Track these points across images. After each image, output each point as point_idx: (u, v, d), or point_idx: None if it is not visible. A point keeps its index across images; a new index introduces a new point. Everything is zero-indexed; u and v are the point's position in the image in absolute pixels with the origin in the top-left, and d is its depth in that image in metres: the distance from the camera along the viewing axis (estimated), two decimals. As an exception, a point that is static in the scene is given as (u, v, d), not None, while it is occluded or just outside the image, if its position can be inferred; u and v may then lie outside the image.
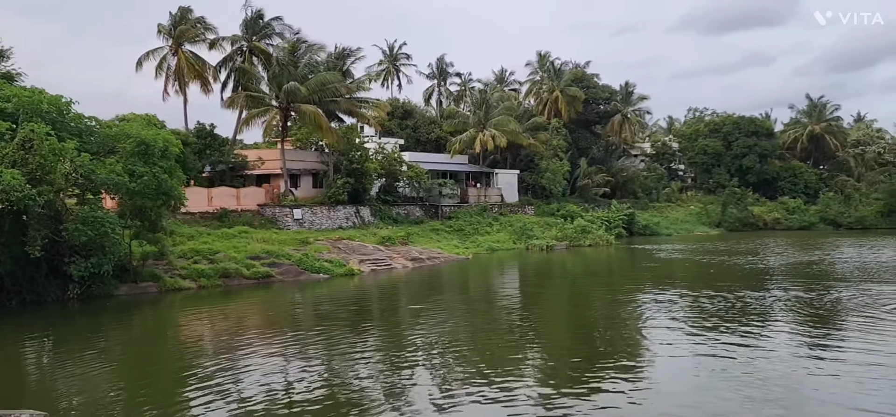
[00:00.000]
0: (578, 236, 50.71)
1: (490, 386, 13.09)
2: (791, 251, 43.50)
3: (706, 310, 21.32)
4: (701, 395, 12.42)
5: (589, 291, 29.13)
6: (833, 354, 15.30)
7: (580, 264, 40.28)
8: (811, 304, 22.11)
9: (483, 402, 12.16)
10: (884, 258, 37.49)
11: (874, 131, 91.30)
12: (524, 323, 21.27)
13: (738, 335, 17.34)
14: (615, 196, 69.44)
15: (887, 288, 25.51)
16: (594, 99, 74.71)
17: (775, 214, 72.84)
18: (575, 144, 71.62)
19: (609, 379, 13.54)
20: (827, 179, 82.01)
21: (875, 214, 71.31)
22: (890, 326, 18.08)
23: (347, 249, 36.87)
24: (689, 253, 43.41)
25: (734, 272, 32.49)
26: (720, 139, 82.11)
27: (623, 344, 17.59)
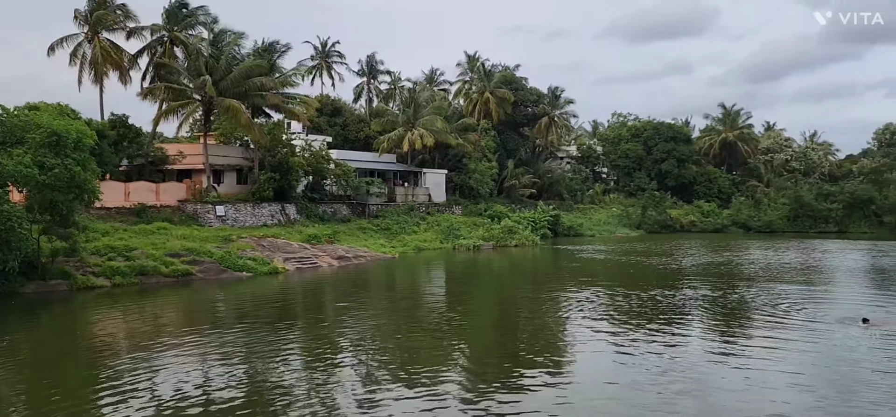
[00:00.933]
0: (505, 236, 51.41)
1: (414, 385, 13.16)
2: (704, 252, 45.41)
3: (625, 308, 22.06)
4: (621, 390, 12.86)
5: (514, 290, 29.61)
6: (739, 348, 16.13)
7: (506, 264, 40.88)
8: (720, 302, 23.20)
9: (407, 401, 12.20)
10: (786, 260, 39.68)
11: (783, 139, 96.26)
12: (449, 321, 21.43)
13: (654, 332, 18.04)
14: (541, 197, 70.73)
15: (789, 287, 27.05)
16: (523, 101, 75.85)
17: (691, 217, 75.75)
18: (503, 145, 72.55)
19: (532, 376, 13.83)
20: (739, 184, 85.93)
21: (782, 219, 75.27)
22: (789, 322, 19.15)
23: (272, 247, 36.22)
24: (611, 254, 44.69)
25: (652, 272, 33.68)
26: (641, 144, 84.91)
27: (546, 341, 17.99)
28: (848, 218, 74.45)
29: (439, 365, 14.93)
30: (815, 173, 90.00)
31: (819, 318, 19.37)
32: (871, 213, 74.34)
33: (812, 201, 75.57)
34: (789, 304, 22.30)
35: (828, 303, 22.91)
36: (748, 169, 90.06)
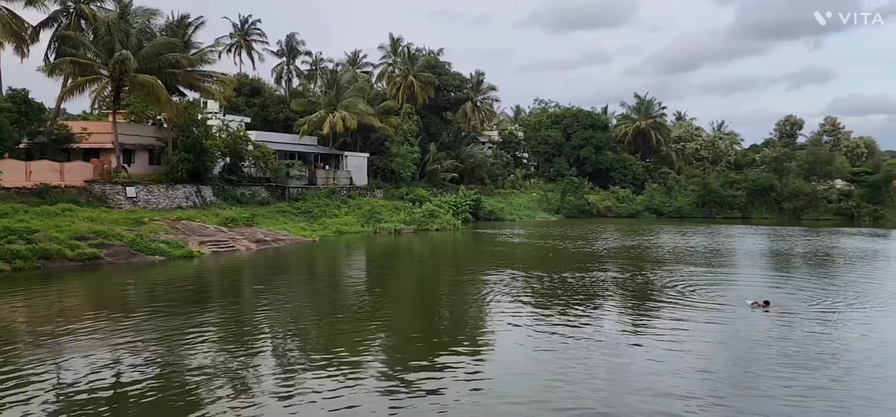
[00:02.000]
0: (426, 220, 51.67)
1: (334, 369, 13.14)
2: (619, 237, 47.03)
3: (542, 291, 22.66)
4: (537, 370, 13.25)
5: (435, 273, 29.87)
6: (648, 329, 16.90)
7: (427, 247, 41.12)
8: (632, 285, 24.16)
9: (327, 385, 12.17)
10: (693, 244, 41.65)
11: (693, 129, 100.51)
12: (370, 304, 21.44)
13: (569, 313, 18.64)
14: (463, 181, 71.34)
15: (695, 269, 28.45)
16: (446, 85, 76.07)
17: (607, 202, 78.24)
18: (425, 129, 72.65)
19: (452, 358, 14.05)
20: (652, 171, 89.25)
21: (691, 205, 78.90)
22: (695, 304, 20.18)
23: (187, 230, 35.11)
24: (530, 238, 45.64)
25: (569, 255, 34.65)
26: (561, 130, 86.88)
27: (465, 323, 18.29)
28: (751, 204, 78.74)
29: (359, 349, 14.96)
30: (722, 161, 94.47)
31: (723, 302, 20.42)
32: (772, 200, 78.88)
33: (719, 188, 79.46)
34: (695, 287, 23.47)
35: (731, 287, 24.21)
36: (661, 156, 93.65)
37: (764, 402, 11.22)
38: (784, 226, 62.47)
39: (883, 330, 17.03)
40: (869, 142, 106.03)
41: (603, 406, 10.83)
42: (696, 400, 11.17)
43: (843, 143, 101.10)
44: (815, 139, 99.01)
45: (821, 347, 14.88)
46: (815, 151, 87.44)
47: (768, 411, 10.80)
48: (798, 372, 12.87)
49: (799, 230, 57.29)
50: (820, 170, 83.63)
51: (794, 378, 12.51)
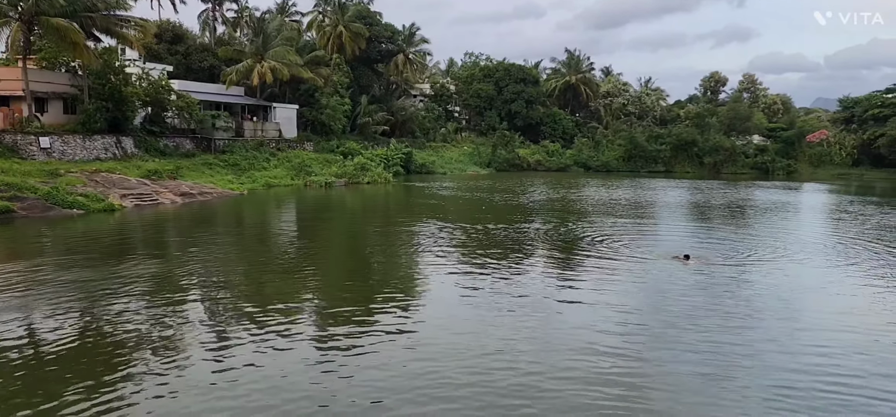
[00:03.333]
0: (358, 173, 51.28)
1: (264, 324, 13.01)
2: (548, 190, 47.93)
3: (473, 243, 22.95)
4: (467, 322, 13.46)
5: (366, 227, 29.77)
6: (575, 278, 17.40)
7: (358, 201, 40.88)
8: (559, 239, 24.76)
9: (257, 340, 12.05)
10: (617, 197, 42.94)
11: (621, 85, 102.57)
12: (301, 258, 21.22)
13: (500, 265, 18.96)
14: (394, 135, 70.93)
15: (620, 222, 29.37)
16: (377, 37, 74.89)
17: (538, 156, 79.40)
18: (357, 82, 71.57)
19: (383, 311, 14.12)
20: (581, 126, 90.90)
21: (618, 159, 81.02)
22: (619, 257, 20.87)
23: (107, 183, 33.77)
24: (461, 191, 45.97)
25: (499, 208, 35.12)
26: (493, 84, 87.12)
27: (396, 276, 18.37)
28: (674, 158, 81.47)
29: (290, 304, 14.84)
30: (648, 117, 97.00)
31: (646, 255, 21.15)
32: (694, 155, 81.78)
33: (644, 143, 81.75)
34: (619, 240, 24.24)
35: (654, 239, 25.12)
36: (589, 111, 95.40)
37: (685, 353, 11.76)
38: (704, 180, 65.00)
39: (793, 279, 18.04)
40: (785, 100, 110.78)
41: (534, 364, 11.11)
42: (622, 355, 11.57)
43: (761, 100, 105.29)
44: (735, 96, 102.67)
45: (736, 297, 15.66)
46: (735, 108, 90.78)
47: (689, 360, 11.33)
48: (716, 322, 13.53)
49: (718, 184, 59.73)
50: (739, 126, 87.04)
51: (711, 327, 13.12)
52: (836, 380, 10.32)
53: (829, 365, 10.96)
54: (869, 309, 14.85)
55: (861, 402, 9.56)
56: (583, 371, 10.56)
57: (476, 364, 10.87)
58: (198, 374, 10.33)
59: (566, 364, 10.87)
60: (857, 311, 14.66)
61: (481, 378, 10.25)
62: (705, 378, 10.37)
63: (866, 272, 19.15)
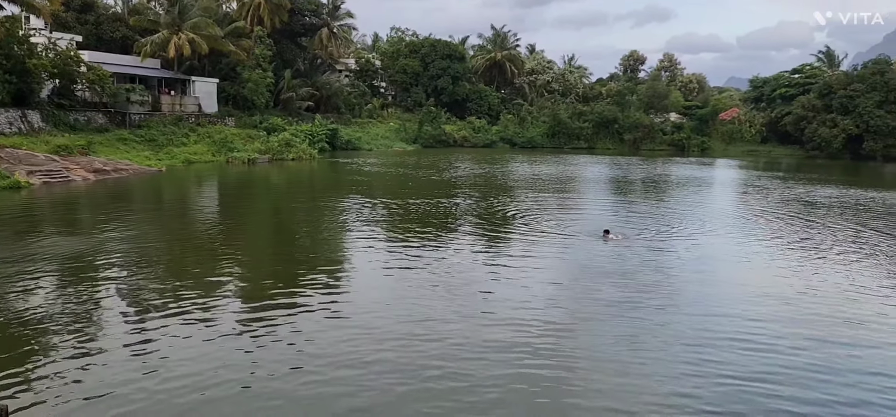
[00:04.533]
0: (282, 150, 50.30)
1: (184, 306, 12.69)
2: (474, 166, 48.37)
3: (399, 220, 23.00)
4: (393, 293, 13.52)
5: (291, 203, 29.34)
6: (499, 254, 17.73)
7: (283, 177, 40.18)
8: (485, 212, 25.11)
9: (177, 324, 11.75)
10: (540, 172, 43.83)
11: (545, 62, 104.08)
12: (223, 236, 20.75)
13: (426, 240, 19.09)
14: (319, 110, 69.81)
15: (540, 195, 30.03)
16: (300, 10, 73.22)
17: (464, 133, 79.79)
18: (280, 55, 69.86)
19: (308, 289, 14.01)
20: (507, 102, 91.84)
21: (542, 135, 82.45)
22: (543, 233, 21.37)
23: (12, 159, 31.95)
24: (387, 167, 45.83)
25: (426, 184, 35.25)
26: (419, 60, 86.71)
27: (322, 254, 18.23)
28: (596, 135, 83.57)
29: (212, 283, 14.53)
30: (572, 94, 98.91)
31: (568, 231, 21.56)
32: (615, 131, 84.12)
33: (568, 120, 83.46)
34: (542, 216, 24.80)
35: (576, 215, 25.78)
36: (515, 88, 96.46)
37: (606, 325, 12.20)
38: (624, 156, 67.04)
39: (705, 251, 18.94)
40: (700, 79, 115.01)
41: (457, 333, 11.31)
42: (545, 329, 11.88)
43: (678, 79, 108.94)
44: (654, 74, 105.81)
45: (653, 270, 16.32)
46: (654, 86, 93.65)
47: (609, 332, 11.76)
48: (633, 294, 14.07)
49: (637, 160, 61.72)
50: (657, 104, 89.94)
51: (629, 299, 13.63)
52: (745, 340, 10.93)
53: (738, 326, 11.60)
54: (773, 275, 15.78)
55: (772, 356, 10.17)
56: (506, 342, 10.81)
57: (398, 331, 11.00)
58: (115, 350, 10.02)
59: (488, 335, 11.10)
60: (762, 278, 15.57)
61: (403, 345, 10.39)
62: (626, 346, 10.80)
63: (770, 242, 20.29)
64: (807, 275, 16.06)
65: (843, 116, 72.01)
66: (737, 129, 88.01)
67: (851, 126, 71.21)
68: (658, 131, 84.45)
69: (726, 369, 9.88)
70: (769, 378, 9.56)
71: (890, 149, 71.07)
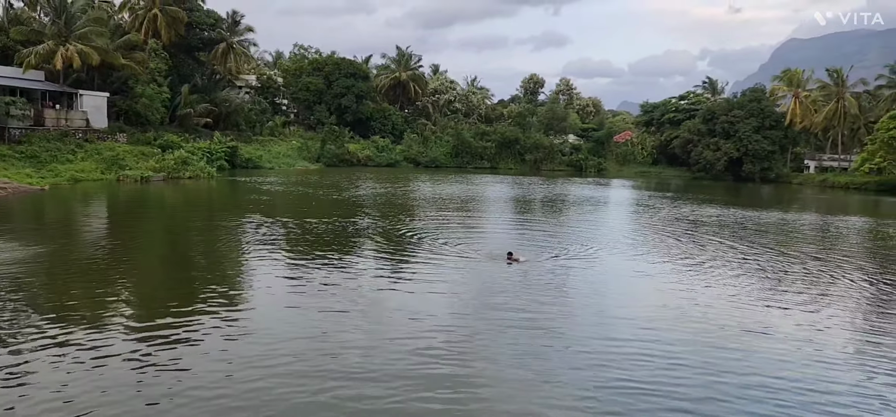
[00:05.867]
0: (178, 168, 48.37)
1: (70, 333, 11.93)
2: (378, 185, 48.28)
3: (299, 240, 22.61)
4: (295, 321, 13.25)
5: (188, 224, 28.23)
6: (401, 273, 17.74)
7: (179, 197, 38.66)
8: (388, 232, 25.09)
9: (62, 349, 11.03)
10: (443, 192, 44.32)
11: (448, 82, 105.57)
12: (111, 258, 19.66)
13: (330, 259, 18.85)
14: (218, 127, 67.75)
15: (446, 216, 30.34)
16: (198, 23, 70.99)
17: (368, 152, 79.57)
18: (176, 70, 67.40)
19: (205, 311, 13.49)
20: (410, 122, 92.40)
21: (446, 155, 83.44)
22: (446, 255, 21.57)
23: None
24: (290, 187, 44.99)
25: (329, 204, 34.85)
26: (322, 78, 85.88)
27: (219, 275, 17.63)
28: (498, 155, 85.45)
29: (98, 309, 13.75)
30: (474, 115, 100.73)
31: (471, 252, 21.48)
32: (517, 152, 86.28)
33: (471, 140, 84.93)
34: (446, 237, 24.98)
35: (479, 236, 26.15)
36: (418, 108, 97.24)
37: (511, 345, 12.44)
38: (526, 176, 68.80)
39: (602, 268, 19.71)
40: (596, 102, 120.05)
41: (359, 352, 11.21)
42: (448, 350, 11.91)
43: (575, 102, 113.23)
44: (552, 97, 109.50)
45: (555, 287, 16.81)
46: (553, 108, 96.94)
47: (517, 351, 11.99)
48: (538, 313, 14.40)
49: (538, 180, 63.51)
50: (556, 126, 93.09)
51: (535, 318, 13.91)
52: (643, 352, 11.42)
53: (636, 336, 12.12)
54: (666, 289, 16.61)
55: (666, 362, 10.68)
56: (407, 362, 10.80)
57: (298, 352, 10.78)
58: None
59: (390, 357, 11.04)
60: (657, 292, 16.37)
61: (302, 365, 10.23)
62: (528, 363, 11.02)
63: (662, 259, 21.36)
64: (696, 288, 17.01)
65: (725, 140, 76.99)
66: (630, 151, 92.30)
67: (732, 149, 76.20)
68: (557, 152, 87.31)
69: (626, 377, 10.29)
70: (665, 383, 10.04)
71: (766, 171, 76.59)
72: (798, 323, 14.01)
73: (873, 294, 17.38)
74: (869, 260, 22.84)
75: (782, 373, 10.85)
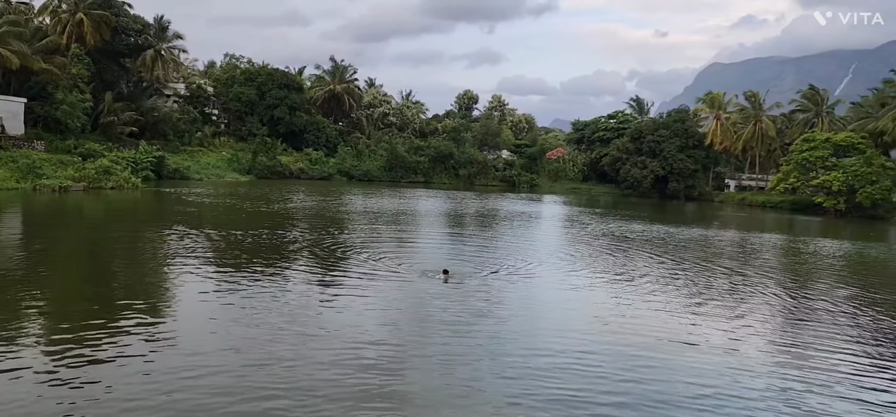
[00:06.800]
0: (100, 177, 46.52)
1: (-29, 343, 11.26)
2: (310, 199, 47.68)
3: (226, 253, 22.07)
4: (226, 330, 12.87)
5: (108, 235, 27.15)
6: (334, 285, 17.55)
7: (100, 207, 37.18)
8: (319, 246, 24.77)
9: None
10: (376, 206, 44.13)
11: (383, 96, 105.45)
12: (25, 271, 18.69)
13: (258, 273, 18.45)
14: (144, 136, 65.65)
15: (379, 230, 30.22)
16: (124, 28, 68.76)
17: (301, 164, 78.54)
18: (99, 76, 65.02)
19: (128, 325, 12.97)
20: (344, 135, 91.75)
21: (380, 169, 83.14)
22: (373, 266, 21.45)
23: None
24: (219, 198, 43.92)
25: (259, 216, 34.18)
26: (255, 88, 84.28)
27: (142, 287, 17.00)
28: (433, 169, 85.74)
29: (10, 321, 13.04)
30: (409, 129, 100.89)
31: (405, 268, 21.02)
32: (451, 166, 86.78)
33: (405, 154, 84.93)
34: (379, 252, 24.80)
35: (413, 251, 26.05)
36: (352, 121, 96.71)
37: (442, 359, 12.43)
38: (459, 191, 69.24)
39: (536, 281, 19.99)
40: (529, 119, 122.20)
41: (290, 377, 10.99)
42: (380, 366, 11.84)
43: (508, 119, 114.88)
44: (486, 113, 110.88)
45: (487, 301, 16.90)
46: (487, 124, 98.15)
47: (448, 365, 11.98)
48: (470, 328, 14.43)
49: (472, 195, 64.02)
50: (490, 142, 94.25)
51: (466, 332, 13.89)
52: (573, 363, 11.61)
53: (566, 346, 12.31)
54: (595, 302, 16.98)
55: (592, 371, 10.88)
56: (336, 378, 10.65)
57: (223, 367, 10.47)
58: None
59: (318, 372, 10.88)
60: (587, 304, 16.71)
61: (228, 379, 9.93)
62: (458, 378, 11.05)
63: (591, 272, 21.84)
64: (624, 299, 17.46)
65: (652, 159, 79.56)
66: (562, 168, 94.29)
67: (658, 168, 78.80)
68: (491, 167, 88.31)
69: (555, 386, 10.42)
70: (591, 390, 10.23)
71: (690, 189, 79.51)
72: (718, 334, 14.55)
73: (787, 306, 18.22)
74: (784, 275, 23.99)
75: (702, 381, 11.23)
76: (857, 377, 11.99)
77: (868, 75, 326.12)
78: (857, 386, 11.45)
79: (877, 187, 57.54)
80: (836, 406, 10.44)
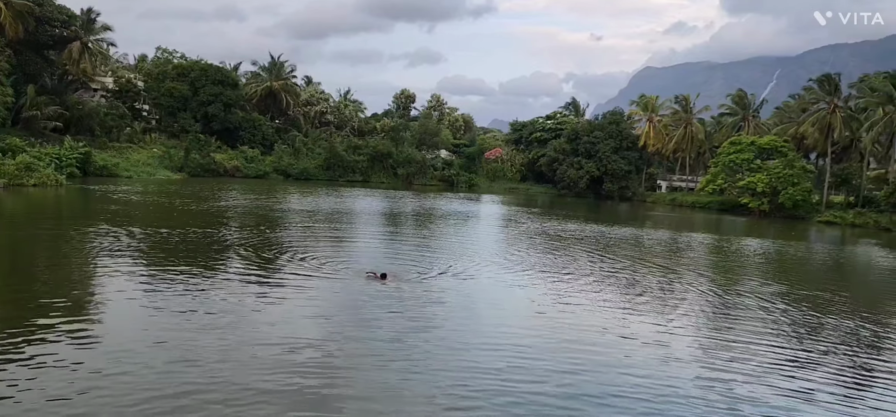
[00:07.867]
0: (21, 174, 44.29)
1: None
2: (245, 197, 46.69)
3: (160, 251, 21.41)
4: (154, 334, 12.45)
5: (32, 235, 25.88)
6: (268, 287, 17.24)
7: (22, 206, 35.44)
8: (252, 247, 24.27)
9: None
10: (313, 205, 43.62)
11: (320, 93, 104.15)
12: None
13: (189, 273, 17.94)
14: (69, 132, 62.91)
15: (316, 230, 29.85)
16: (49, 19, 65.70)
17: (236, 162, 76.71)
18: (21, 68, 62.02)
19: (53, 327, 12.38)
20: (281, 133, 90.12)
21: (317, 167, 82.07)
22: (318, 273, 21.19)
23: None
24: (149, 196, 42.53)
25: (191, 216, 33.26)
26: (188, 84, 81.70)
27: (69, 288, 16.26)
28: (371, 169, 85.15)
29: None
30: (347, 127, 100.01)
31: (343, 271, 20.40)
32: (389, 166, 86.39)
33: (343, 153, 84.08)
34: (316, 253, 24.45)
35: (351, 252, 25.61)
36: (289, 119, 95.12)
37: (379, 362, 12.35)
38: (398, 190, 69.07)
39: (474, 280, 20.10)
40: (468, 119, 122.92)
41: (224, 381, 10.72)
42: (320, 370, 11.61)
43: (447, 118, 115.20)
44: (425, 113, 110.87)
45: (425, 302, 16.91)
46: (426, 124, 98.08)
47: (386, 368, 11.90)
48: (407, 330, 14.38)
49: (410, 194, 63.96)
50: (429, 141, 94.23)
51: (404, 334, 13.77)
52: (513, 360, 11.73)
53: (504, 341, 12.42)
54: (532, 298, 17.21)
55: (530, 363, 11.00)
56: (270, 380, 10.42)
57: (151, 375, 10.14)
58: None
59: (252, 375, 10.59)
60: (524, 301, 16.92)
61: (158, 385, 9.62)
62: (395, 381, 11.00)
63: (528, 271, 22.13)
64: (561, 296, 17.77)
65: (587, 160, 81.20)
66: (500, 168, 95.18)
67: (594, 169, 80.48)
68: (430, 167, 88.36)
69: (497, 380, 10.51)
70: (529, 382, 10.35)
71: (624, 189, 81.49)
72: (651, 327, 14.97)
73: (715, 302, 18.90)
74: (712, 272, 24.88)
75: (637, 371, 11.54)
76: (780, 366, 12.56)
77: (790, 82, 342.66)
78: (780, 375, 11.99)
79: (798, 188, 60.28)
80: (761, 392, 10.91)
